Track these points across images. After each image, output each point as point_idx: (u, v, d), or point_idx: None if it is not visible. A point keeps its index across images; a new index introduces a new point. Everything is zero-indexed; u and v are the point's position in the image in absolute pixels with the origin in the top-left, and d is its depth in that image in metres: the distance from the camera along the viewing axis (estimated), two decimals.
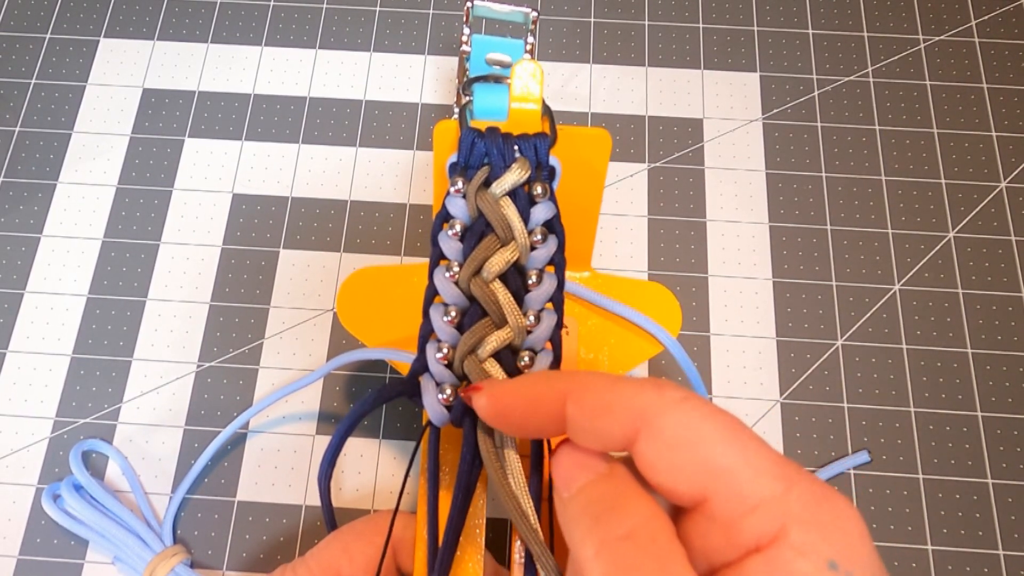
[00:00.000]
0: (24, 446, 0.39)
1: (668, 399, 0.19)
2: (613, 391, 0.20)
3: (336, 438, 0.26)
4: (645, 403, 0.19)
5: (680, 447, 0.18)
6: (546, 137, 0.26)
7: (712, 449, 0.18)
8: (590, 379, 0.20)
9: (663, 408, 0.19)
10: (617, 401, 0.19)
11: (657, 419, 0.19)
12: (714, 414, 0.18)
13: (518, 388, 0.22)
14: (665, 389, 0.19)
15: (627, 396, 0.19)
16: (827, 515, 0.17)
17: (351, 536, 0.29)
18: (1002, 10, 0.48)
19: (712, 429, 0.18)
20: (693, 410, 0.18)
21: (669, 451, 0.18)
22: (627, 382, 0.20)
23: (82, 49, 0.47)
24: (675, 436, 0.18)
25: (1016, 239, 0.43)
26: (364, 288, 0.34)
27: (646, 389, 0.19)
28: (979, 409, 0.39)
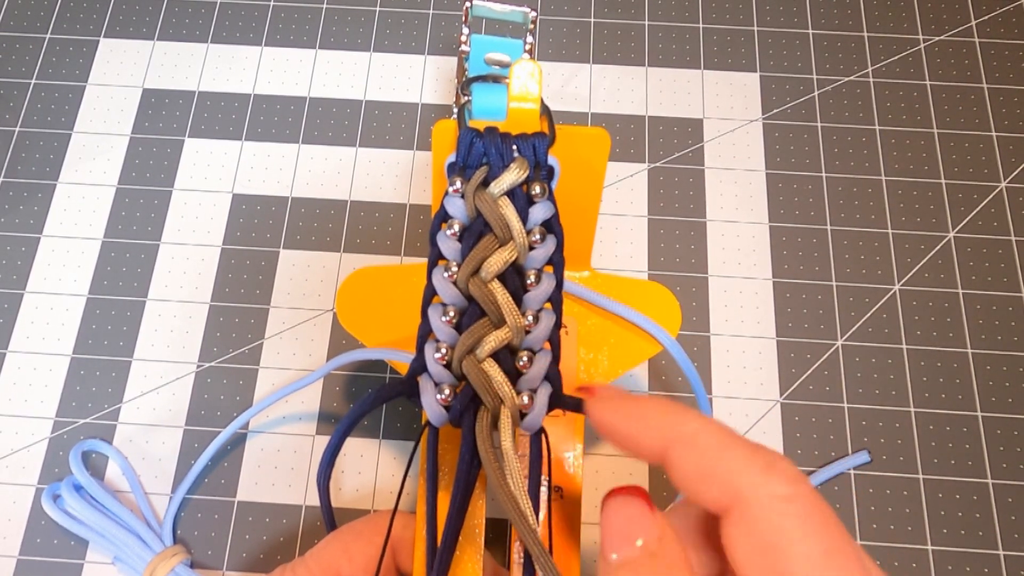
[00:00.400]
0: (24, 446, 0.39)
1: (770, 491, 0.17)
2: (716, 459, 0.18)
3: (335, 438, 0.26)
4: (746, 486, 0.17)
5: (765, 550, 0.17)
6: (545, 137, 0.26)
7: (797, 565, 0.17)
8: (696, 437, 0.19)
9: (761, 500, 0.17)
10: (718, 473, 0.18)
11: (751, 509, 0.17)
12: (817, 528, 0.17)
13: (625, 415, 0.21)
14: (773, 476, 0.17)
15: (730, 471, 0.18)
16: None
17: (350, 536, 0.29)
18: (1002, 10, 0.48)
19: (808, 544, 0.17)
20: (793, 516, 0.17)
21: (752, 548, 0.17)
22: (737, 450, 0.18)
23: (82, 49, 0.48)
24: (763, 536, 0.17)
25: (1016, 239, 0.43)
26: (364, 288, 0.34)
27: (753, 470, 0.18)
28: (979, 409, 0.39)
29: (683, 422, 0.19)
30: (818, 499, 0.17)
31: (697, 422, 0.19)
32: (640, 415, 0.20)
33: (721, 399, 0.39)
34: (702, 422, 0.19)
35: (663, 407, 0.20)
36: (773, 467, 0.18)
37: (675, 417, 0.20)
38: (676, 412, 0.20)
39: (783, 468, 0.18)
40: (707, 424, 0.19)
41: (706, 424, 0.19)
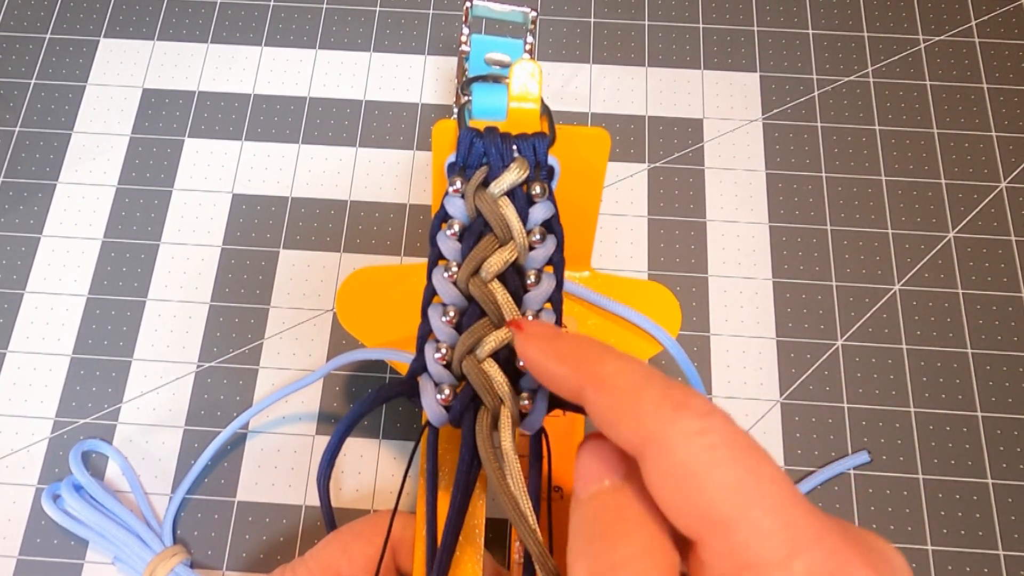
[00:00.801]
0: (24, 446, 0.39)
1: (682, 428, 0.17)
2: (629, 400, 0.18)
3: (335, 438, 0.26)
4: (657, 426, 0.17)
5: (681, 485, 0.17)
6: (545, 137, 0.26)
7: (715, 495, 0.16)
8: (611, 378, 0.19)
9: (674, 437, 0.17)
10: (629, 414, 0.18)
11: (664, 448, 0.17)
12: (731, 456, 0.16)
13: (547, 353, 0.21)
14: (684, 413, 0.17)
15: (641, 411, 0.17)
16: None
17: (350, 536, 0.29)
18: (1002, 10, 0.48)
19: (723, 472, 0.16)
20: (706, 448, 0.17)
21: (670, 486, 0.17)
22: (648, 391, 0.18)
23: (82, 49, 0.48)
24: (678, 472, 0.17)
25: (1016, 239, 0.43)
26: (364, 288, 0.34)
27: (664, 409, 0.17)
28: (979, 409, 0.39)
29: (600, 362, 0.19)
30: (731, 428, 0.17)
31: (614, 363, 0.19)
32: (561, 353, 0.20)
33: (721, 399, 0.39)
34: (619, 363, 0.19)
35: (583, 346, 0.20)
36: (684, 405, 0.17)
37: (593, 357, 0.20)
38: (595, 352, 0.20)
39: (695, 404, 0.17)
40: (624, 365, 0.19)
41: (623, 365, 0.19)
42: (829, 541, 0.16)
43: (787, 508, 0.16)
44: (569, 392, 0.20)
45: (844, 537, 0.16)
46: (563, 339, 0.21)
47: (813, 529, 0.16)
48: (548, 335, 0.22)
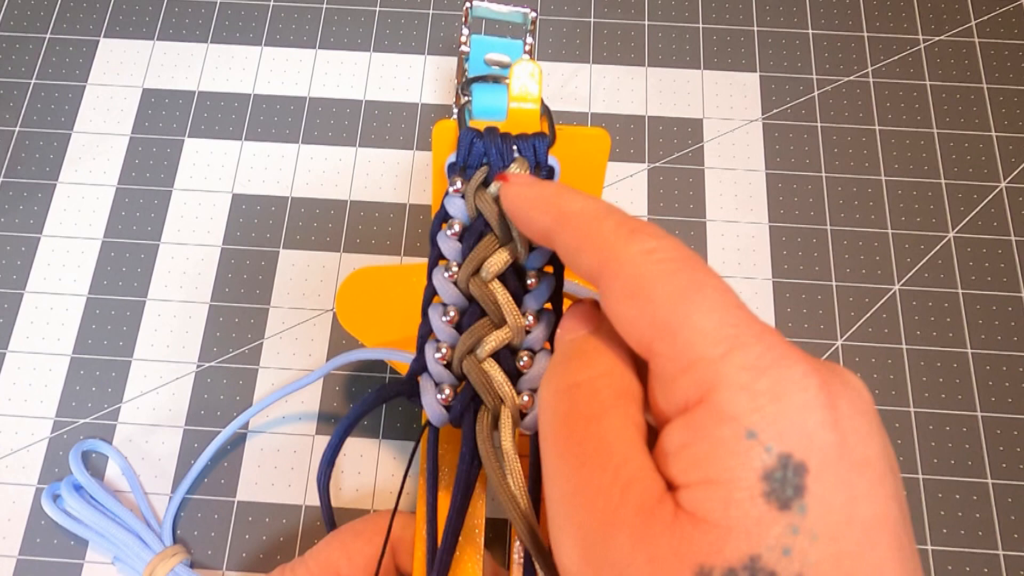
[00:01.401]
0: (24, 446, 0.39)
1: (634, 248, 0.18)
2: (588, 231, 0.19)
3: (335, 438, 0.26)
4: (612, 249, 0.18)
5: (631, 298, 0.18)
6: (545, 137, 0.26)
7: (661, 303, 0.17)
8: (574, 214, 0.20)
9: (626, 256, 0.18)
10: (588, 243, 0.19)
11: (617, 267, 0.18)
12: (677, 268, 0.17)
13: (522, 200, 0.22)
14: (637, 237, 0.18)
15: (599, 239, 0.19)
16: (767, 383, 0.16)
17: (350, 536, 0.29)
18: (1002, 10, 0.48)
19: (668, 282, 0.17)
20: (655, 263, 0.18)
21: (622, 301, 0.18)
22: (606, 222, 0.19)
23: (82, 49, 0.48)
24: (628, 287, 0.18)
25: (1016, 239, 0.43)
26: (363, 288, 0.34)
27: (619, 235, 0.18)
28: (979, 409, 0.39)
29: (565, 201, 0.20)
30: (681, 248, 0.18)
31: (578, 202, 0.20)
32: (533, 197, 0.22)
33: None
34: (583, 201, 0.20)
35: (555, 190, 0.21)
36: (638, 230, 0.18)
37: (560, 196, 0.21)
38: (563, 192, 0.21)
39: (649, 230, 0.18)
40: (586, 201, 0.20)
41: (585, 201, 0.20)
42: (769, 338, 0.16)
43: (728, 310, 0.17)
44: (541, 235, 0.21)
45: (786, 340, 0.17)
46: (538, 185, 0.23)
47: (752, 328, 0.16)
48: (526, 183, 0.23)
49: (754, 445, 0.15)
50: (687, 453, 0.16)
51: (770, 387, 0.16)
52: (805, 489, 0.15)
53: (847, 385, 0.17)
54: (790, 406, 0.15)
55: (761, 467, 0.15)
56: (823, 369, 0.16)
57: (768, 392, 0.16)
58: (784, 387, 0.16)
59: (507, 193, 0.23)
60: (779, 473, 0.15)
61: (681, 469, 0.16)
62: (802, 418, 0.15)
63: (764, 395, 0.15)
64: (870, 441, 0.16)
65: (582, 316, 0.21)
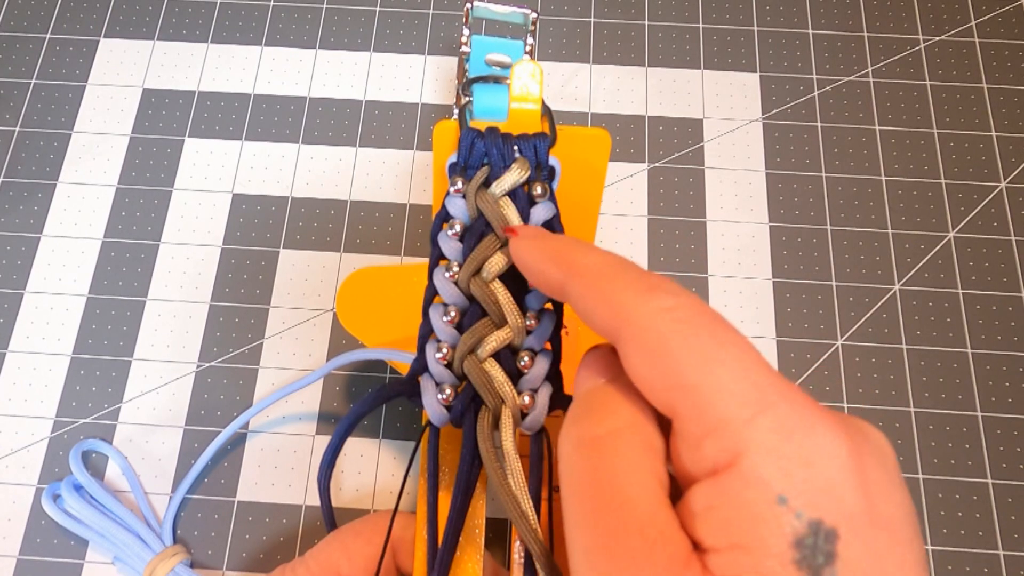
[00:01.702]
0: (24, 446, 0.39)
1: (652, 307, 0.18)
2: (604, 287, 0.19)
3: (335, 438, 0.26)
4: (630, 307, 0.18)
5: (652, 358, 0.17)
6: (546, 137, 0.27)
7: (683, 363, 0.17)
8: (588, 269, 0.20)
9: (645, 315, 0.18)
10: (605, 300, 0.19)
11: (636, 326, 0.18)
12: (699, 327, 0.17)
13: (533, 254, 0.22)
14: (655, 295, 0.18)
15: (615, 296, 0.18)
16: (796, 446, 0.15)
17: (350, 536, 0.29)
18: (1002, 10, 0.48)
19: (690, 342, 0.17)
20: (675, 322, 0.17)
21: (642, 361, 0.17)
22: (622, 278, 0.19)
23: (82, 49, 0.47)
24: (649, 346, 0.17)
25: (1016, 239, 0.43)
26: (364, 288, 0.34)
27: (636, 292, 0.18)
28: (979, 409, 0.39)
29: (580, 255, 0.20)
30: (701, 306, 0.18)
31: (592, 256, 0.20)
32: (546, 250, 0.22)
33: None
34: (597, 255, 0.20)
35: (567, 244, 0.21)
36: (655, 287, 0.18)
37: (574, 250, 0.21)
38: (576, 247, 0.21)
39: (666, 286, 0.18)
40: (601, 256, 0.20)
41: (600, 256, 0.20)
42: (795, 398, 0.16)
43: (752, 370, 0.16)
44: (555, 288, 0.21)
45: (812, 399, 0.17)
46: (549, 239, 0.22)
47: (778, 388, 0.16)
48: (537, 235, 0.23)
49: (785, 511, 0.15)
50: (716, 516, 0.16)
51: (799, 451, 0.15)
52: (836, 556, 0.15)
53: (871, 443, 0.17)
54: (820, 472, 0.15)
55: (792, 533, 0.15)
56: (850, 428, 0.16)
57: (797, 457, 0.15)
58: (814, 452, 0.16)
59: (517, 247, 0.23)
60: (810, 540, 0.15)
61: (709, 531, 0.16)
62: (832, 484, 0.15)
63: (793, 460, 0.15)
64: (897, 502, 0.16)
65: (599, 364, 0.20)
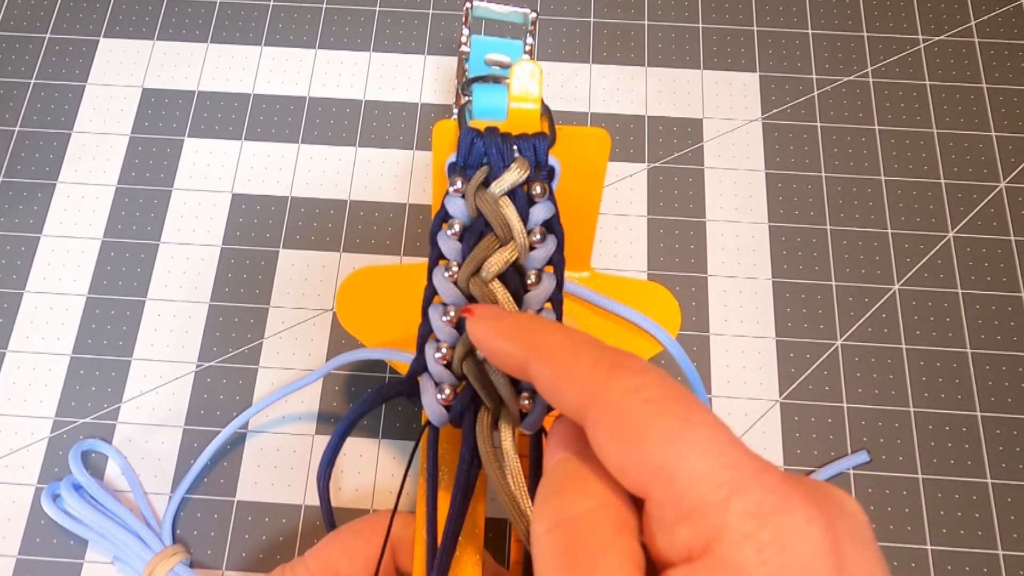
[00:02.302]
0: (24, 446, 0.39)
1: (617, 387, 0.17)
2: (567, 368, 0.19)
3: (335, 438, 0.26)
4: (594, 388, 0.18)
5: (620, 441, 0.17)
6: (545, 137, 0.27)
7: (652, 446, 0.16)
8: (551, 349, 0.19)
9: (610, 396, 0.17)
10: (568, 381, 0.18)
11: (602, 408, 0.17)
12: (666, 407, 0.17)
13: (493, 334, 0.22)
14: (618, 373, 0.18)
15: (579, 377, 0.18)
16: (771, 531, 0.15)
17: (350, 536, 0.29)
18: (1002, 10, 0.48)
19: (658, 423, 0.17)
20: (641, 403, 0.17)
21: (611, 443, 0.17)
22: (584, 357, 0.18)
23: (82, 49, 0.47)
24: (616, 429, 0.17)
25: (1016, 239, 0.43)
26: (363, 288, 0.34)
27: (598, 372, 0.18)
28: (979, 409, 0.39)
29: (541, 335, 0.20)
30: (666, 382, 0.18)
31: (554, 335, 0.20)
32: (505, 330, 0.21)
33: (721, 399, 0.39)
34: (558, 334, 0.20)
35: (525, 322, 0.21)
36: (619, 365, 0.18)
37: (534, 330, 0.21)
38: (536, 326, 0.21)
39: (629, 364, 0.18)
40: (562, 335, 0.20)
41: (561, 335, 0.20)
42: (768, 479, 0.16)
43: (723, 450, 0.16)
44: (516, 368, 0.21)
45: (785, 477, 0.16)
46: (507, 317, 0.22)
47: (751, 469, 0.16)
48: (494, 315, 0.23)
49: None
50: None
51: (775, 537, 0.15)
52: None
53: (846, 516, 0.17)
54: (796, 556, 0.15)
55: None
56: (823, 504, 0.16)
57: (773, 543, 0.15)
58: (789, 535, 0.15)
59: (474, 328, 0.22)
60: None
61: None
62: (809, 567, 0.15)
63: (770, 546, 0.15)
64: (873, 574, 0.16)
65: (568, 435, 0.20)
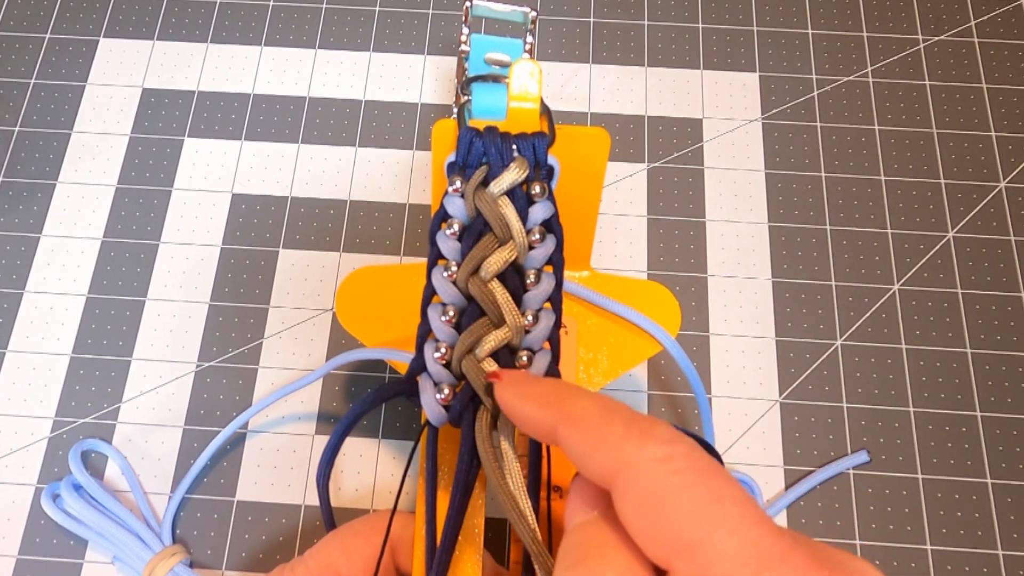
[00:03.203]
0: (23, 446, 0.39)
1: (646, 456, 0.17)
2: (596, 434, 0.19)
3: (334, 438, 0.26)
4: (623, 456, 0.18)
5: (648, 511, 0.17)
6: (544, 136, 0.27)
7: (680, 519, 0.17)
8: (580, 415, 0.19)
9: (639, 465, 0.17)
10: (597, 448, 0.18)
11: (630, 476, 0.17)
12: (695, 480, 0.17)
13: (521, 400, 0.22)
14: (648, 442, 0.18)
15: (608, 444, 0.18)
16: None
17: (350, 535, 0.29)
18: (1002, 10, 0.48)
19: (687, 496, 0.17)
20: (670, 474, 0.17)
21: (637, 513, 0.17)
22: (615, 424, 0.18)
23: (82, 49, 0.48)
24: (644, 499, 0.17)
25: (1016, 239, 0.43)
26: (363, 288, 0.34)
27: (629, 439, 0.18)
28: (978, 409, 0.39)
29: (570, 402, 0.20)
30: (695, 454, 0.18)
31: (583, 401, 0.20)
32: (534, 396, 0.21)
33: (720, 399, 0.39)
34: (587, 401, 0.20)
35: (553, 387, 0.21)
36: (649, 433, 0.18)
37: (563, 397, 0.21)
38: (565, 392, 0.21)
39: (659, 432, 0.18)
40: (591, 402, 0.20)
41: (590, 402, 0.20)
42: (795, 559, 0.16)
43: (751, 527, 0.16)
44: (545, 433, 0.21)
45: (811, 555, 0.16)
46: (536, 383, 0.22)
47: (778, 548, 0.16)
48: (523, 380, 0.23)
49: None
50: None
51: None
52: None
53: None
54: None
55: None
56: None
57: None
58: None
59: (503, 393, 0.22)
60: None
61: None
62: None
63: None
64: None
65: (589, 493, 0.20)
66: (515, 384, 0.22)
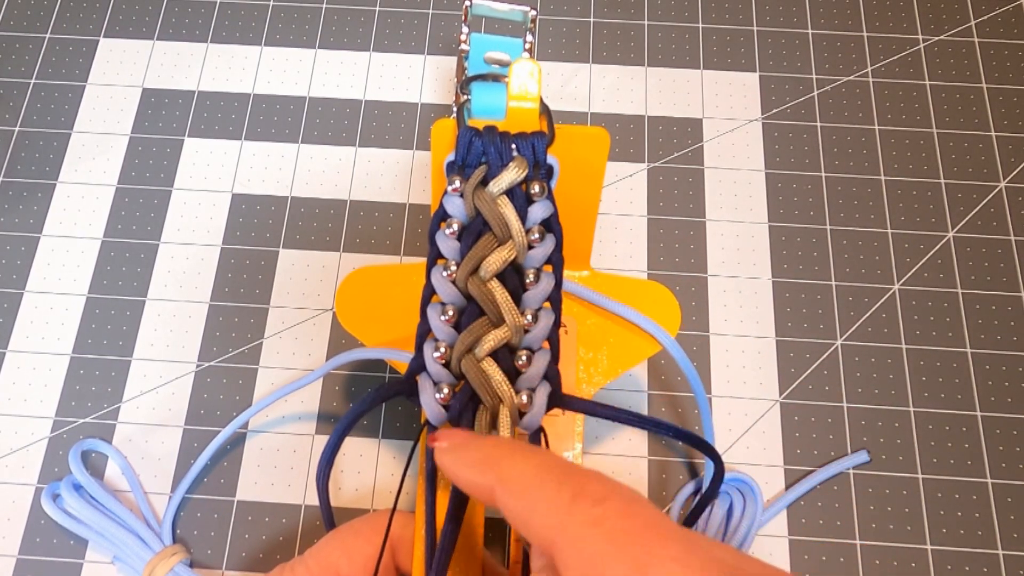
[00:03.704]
0: (23, 446, 0.39)
1: (579, 520, 0.17)
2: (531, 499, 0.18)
3: (334, 437, 0.26)
4: (556, 522, 0.18)
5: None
6: (544, 136, 0.27)
7: None
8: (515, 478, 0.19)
9: (573, 531, 0.17)
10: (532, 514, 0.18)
11: (566, 543, 0.17)
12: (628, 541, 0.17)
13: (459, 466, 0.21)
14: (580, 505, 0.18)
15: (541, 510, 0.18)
16: None
17: (350, 535, 0.29)
18: (1002, 10, 0.48)
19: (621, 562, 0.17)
20: (604, 538, 0.17)
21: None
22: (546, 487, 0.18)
23: (82, 49, 0.48)
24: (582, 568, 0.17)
25: (1016, 239, 0.43)
26: (363, 287, 0.34)
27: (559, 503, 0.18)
28: (978, 409, 0.39)
29: (507, 463, 0.20)
30: (630, 509, 0.18)
31: (520, 464, 0.20)
32: (469, 460, 0.21)
33: (720, 399, 0.39)
34: (518, 464, 0.20)
35: (492, 451, 0.21)
36: (580, 494, 0.18)
37: (496, 459, 0.20)
38: (498, 454, 0.20)
39: (591, 491, 0.18)
40: (522, 465, 0.19)
41: (521, 465, 0.19)
42: None
43: None
44: (486, 498, 0.20)
45: None
46: (474, 446, 0.22)
47: None
48: (461, 445, 0.22)
49: None
50: None
51: None
52: None
53: None
54: None
55: None
56: None
57: None
58: None
59: (442, 461, 0.22)
60: None
61: None
62: None
63: None
64: None
65: None
66: (452, 450, 0.22)
